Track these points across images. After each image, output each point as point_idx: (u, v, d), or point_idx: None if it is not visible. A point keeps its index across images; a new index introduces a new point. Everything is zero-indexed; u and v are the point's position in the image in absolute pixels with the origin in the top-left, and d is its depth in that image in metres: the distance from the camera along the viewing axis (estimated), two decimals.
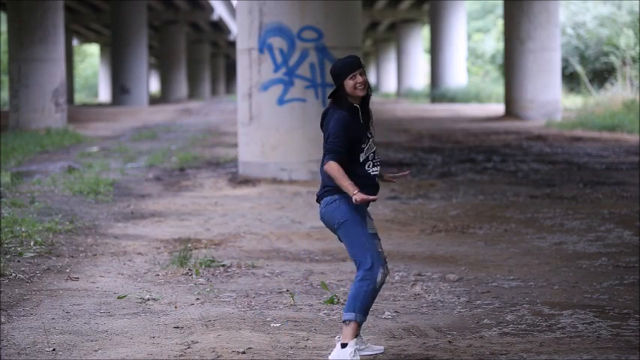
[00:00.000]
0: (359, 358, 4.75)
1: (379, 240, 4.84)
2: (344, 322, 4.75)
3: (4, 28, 42.53)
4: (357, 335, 4.76)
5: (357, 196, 4.63)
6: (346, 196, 4.74)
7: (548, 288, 6.53)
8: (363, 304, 4.72)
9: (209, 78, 60.21)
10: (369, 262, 4.72)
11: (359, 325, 4.76)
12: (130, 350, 5.01)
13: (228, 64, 78.65)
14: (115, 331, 5.41)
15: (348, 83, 4.78)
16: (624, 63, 27.69)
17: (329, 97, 4.87)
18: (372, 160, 4.82)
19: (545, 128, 22.27)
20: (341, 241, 4.85)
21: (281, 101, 12.26)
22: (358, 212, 4.76)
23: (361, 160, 4.79)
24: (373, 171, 4.82)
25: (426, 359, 4.87)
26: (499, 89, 35.26)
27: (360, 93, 4.80)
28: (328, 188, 4.79)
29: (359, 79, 4.78)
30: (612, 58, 28.37)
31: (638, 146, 17.12)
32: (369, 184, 4.78)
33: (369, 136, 4.84)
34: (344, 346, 4.71)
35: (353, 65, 4.79)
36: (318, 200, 4.87)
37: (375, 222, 5.00)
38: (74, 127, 22.72)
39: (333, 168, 4.71)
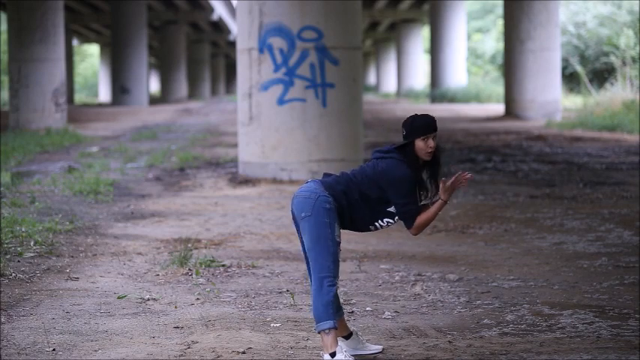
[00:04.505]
0: (353, 358, 4.73)
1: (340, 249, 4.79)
2: (322, 332, 4.65)
3: (4, 28, 42.53)
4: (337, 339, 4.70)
5: (444, 195, 4.68)
6: (327, 199, 4.67)
7: (548, 288, 6.53)
8: (334, 308, 4.67)
9: (209, 78, 60.15)
10: (335, 268, 4.66)
11: (336, 329, 4.70)
12: (130, 350, 5.01)
13: (228, 64, 78.59)
14: (115, 331, 5.41)
15: (419, 144, 4.69)
16: (624, 63, 27.69)
17: (395, 148, 4.74)
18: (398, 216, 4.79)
19: (545, 128, 22.26)
20: (299, 232, 4.75)
21: (281, 101, 12.26)
22: (332, 216, 4.68)
23: (390, 210, 4.75)
24: (388, 223, 4.80)
25: (426, 359, 4.87)
26: (499, 89, 35.23)
27: (427, 157, 4.71)
28: (325, 193, 4.69)
29: (431, 143, 4.69)
30: (612, 58, 28.37)
31: (638, 146, 17.11)
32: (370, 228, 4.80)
33: (422, 198, 4.77)
34: (333, 355, 4.64)
35: (430, 127, 4.70)
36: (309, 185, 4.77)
37: None
38: (74, 127, 22.71)
39: (422, 223, 4.73)
